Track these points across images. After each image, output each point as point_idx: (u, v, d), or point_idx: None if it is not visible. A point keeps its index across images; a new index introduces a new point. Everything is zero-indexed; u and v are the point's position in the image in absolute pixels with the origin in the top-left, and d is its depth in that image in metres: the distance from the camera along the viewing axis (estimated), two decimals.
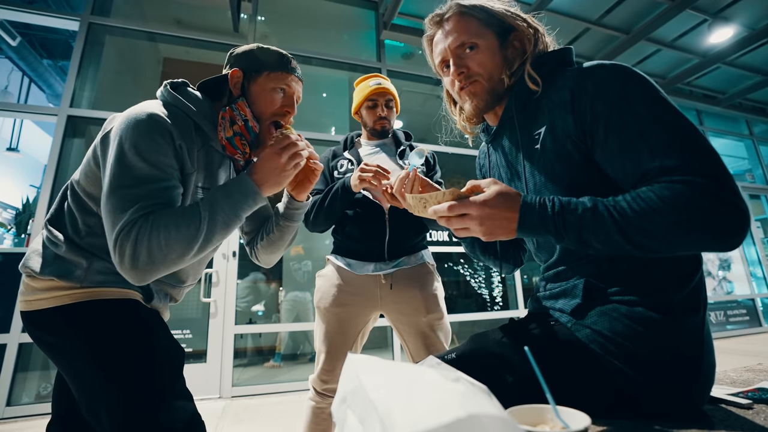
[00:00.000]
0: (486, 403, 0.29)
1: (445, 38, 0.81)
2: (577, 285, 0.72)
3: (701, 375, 0.64)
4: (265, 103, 0.92)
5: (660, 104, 0.62)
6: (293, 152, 0.84)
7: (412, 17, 4.23)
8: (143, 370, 0.80)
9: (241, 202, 0.81)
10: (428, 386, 0.30)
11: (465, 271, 4.52)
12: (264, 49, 0.94)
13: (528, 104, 0.79)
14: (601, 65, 0.68)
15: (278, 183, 0.85)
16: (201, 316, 3.09)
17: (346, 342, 1.34)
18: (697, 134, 0.60)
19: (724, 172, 0.56)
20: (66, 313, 0.82)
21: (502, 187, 0.66)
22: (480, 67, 0.79)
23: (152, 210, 0.74)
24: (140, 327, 0.86)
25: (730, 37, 4.38)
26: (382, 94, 1.48)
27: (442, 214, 0.67)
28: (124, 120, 0.78)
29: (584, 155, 0.69)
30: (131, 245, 0.70)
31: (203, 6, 3.74)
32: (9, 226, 4.68)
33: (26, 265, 0.87)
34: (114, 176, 0.74)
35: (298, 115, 1.00)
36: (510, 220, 0.64)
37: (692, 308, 0.65)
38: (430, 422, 0.25)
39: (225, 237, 0.84)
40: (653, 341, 0.63)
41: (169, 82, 0.90)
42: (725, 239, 0.55)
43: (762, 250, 5.88)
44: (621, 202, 0.60)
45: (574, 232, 0.61)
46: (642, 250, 0.59)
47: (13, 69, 4.82)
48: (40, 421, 2.42)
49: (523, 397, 0.47)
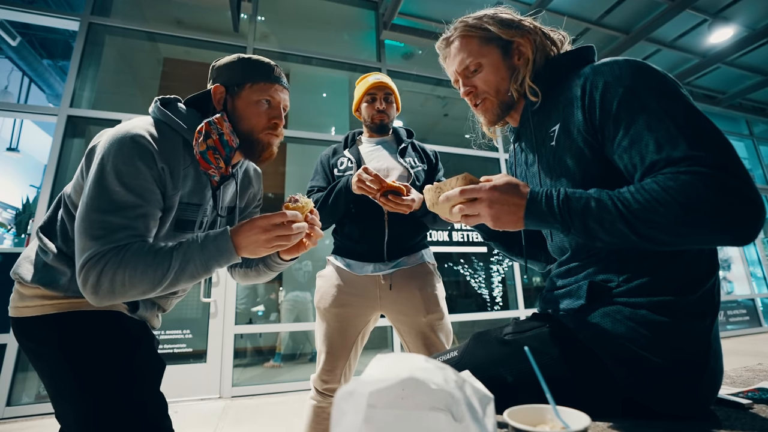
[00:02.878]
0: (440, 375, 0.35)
1: (453, 61, 0.87)
2: (581, 286, 0.72)
3: (705, 380, 0.63)
4: (251, 118, 0.90)
5: (669, 96, 0.62)
6: (280, 235, 0.79)
7: (412, 17, 4.23)
8: (119, 383, 0.81)
9: (214, 258, 0.78)
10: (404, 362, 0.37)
11: (465, 271, 4.52)
12: (245, 60, 0.91)
13: (543, 103, 0.81)
14: (613, 61, 0.69)
15: (256, 254, 0.81)
16: (201, 316, 3.09)
17: (347, 342, 1.34)
18: (707, 124, 0.59)
19: (733, 161, 0.55)
20: (49, 323, 0.83)
21: (513, 178, 0.69)
22: (486, 84, 0.84)
23: (125, 243, 0.74)
24: (120, 340, 0.86)
25: (730, 37, 4.38)
26: (381, 88, 1.48)
27: (454, 200, 0.69)
28: (109, 139, 0.78)
29: (595, 151, 0.69)
30: (96, 275, 0.71)
31: (203, 6, 3.74)
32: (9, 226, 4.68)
33: (16, 272, 0.88)
34: (91, 198, 0.75)
35: (298, 115, 1.00)
36: (518, 206, 0.66)
37: (700, 313, 0.64)
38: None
39: (193, 284, 0.83)
40: (655, 344, 0.62)
41: (159, 99, 0.90)
42: (734, 230, 0.53)
43: (762, 250, 5.88)
44: (625, 193, 0.60)
45: (579, 221, 0.62)
46: (648, 241, 0.58)
47: (13, 69, 4.82)
48: (40, 421, 2.42)
49: (523, 397, 0.47)
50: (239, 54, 0.94)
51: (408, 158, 1.46)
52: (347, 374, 1.36)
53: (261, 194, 1.18)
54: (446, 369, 0.36)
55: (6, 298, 0.91)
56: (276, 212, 0.81)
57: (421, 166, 1.47)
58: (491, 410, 0.36)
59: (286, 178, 4.46)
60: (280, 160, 4.35)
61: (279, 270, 1.05)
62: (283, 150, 4.39)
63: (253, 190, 1.14)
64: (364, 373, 0.36)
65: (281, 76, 0.95)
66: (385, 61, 4.34)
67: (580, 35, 4.53)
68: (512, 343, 0.73)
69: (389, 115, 1.49)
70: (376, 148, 1.49)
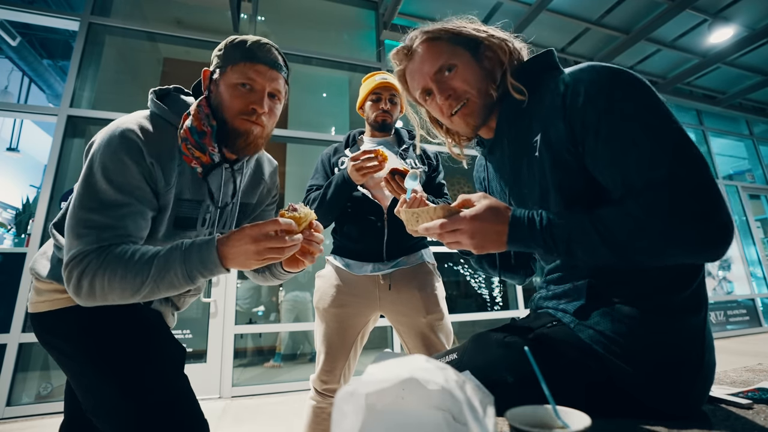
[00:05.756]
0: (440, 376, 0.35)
1: (421, 67, 0.80)
2: (580, 286, 0.72)
3: (702, 375, 0.64)
4: (227, 101, 0.83)
5: (648, 111, 0.62)
6: (271, 247, 0.71)
7: (412, 17, 4.23)
8: (143, 369, 0.81)
9: (197, 269, 0.72)
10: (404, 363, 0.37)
11: (465, 271, 4.52)
12: (232, 42, 0.85)
13: (521, 113, 0.78)
14: (590, 68, 0.67)
15: (245, 266, 0.74)
16: (201, 316, 3.09)
17: (346, 342, 1.34)
18: (684, 143, 0.60)
19: (711, 180, 0.57)
20: (67, 316, 0.83)
21: (492, 201, 0.69)
22: (465, 84, 0.78)
23: (109, 244, 0.72)
24: (138, 327, 0.86)
25: (730, 37, 4.38)
26: (387, 89, 1.48)
27: (434, 232, 0.69)
28: (101, 136, 0.78)
29: (579, 162, 0.69)
30: (77, 276, 0.70)
31: (203, 6, 3.74)
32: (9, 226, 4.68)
33: (33, 268, 0.89)
34: (78, 195, 0.74)
35: (298, 115, 0.97)
36: (500, 233, 0.67)
37: (693, 309, 0.65)
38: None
39: (177, 292, 0.77)
40: (654, 341, 0.63)
41: (155, 90, 0.87)
42: (707, 251, 0.57)
43: (762, 250, 5.88)
44: (607, 219, 0.61)
45: (562, 245, 0.64)
46: (629, 263, 0.61)
47: (13, 69, 4.82)
48: (40, 421, 2.42)
49: (523, 397, 0.47)
50: (235, 35, 0.87)
51: (409, 159, 1.46)
52: (347, 374, 1.36)
53: (277, 190, 1.11)
54: (447, 369, 0.36)
55: (6, 298, 0.91)
56: (269, 220, 0.73)
57: (422, 167, 1.47)
58: (492, 410, 0.36)
59: (286, 178, 4.47)
60: (280, 160, 4.34)
61: (284, 279, 1.01)
62: (283, 150, 4.40)
63: (266, 185, 1.07)
64: (364, 374, 0.36)
65: (267, 55, 0.84)
66: (385, 61, 4.33)
67: (580, 35, 4.53)
68: (512, 344, 0.73)
69: (392, 116, 1.49)
70: (377, 147, 1.49)
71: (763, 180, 6.24)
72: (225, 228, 0.99)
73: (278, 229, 0.72)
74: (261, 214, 1.08)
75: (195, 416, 0.84)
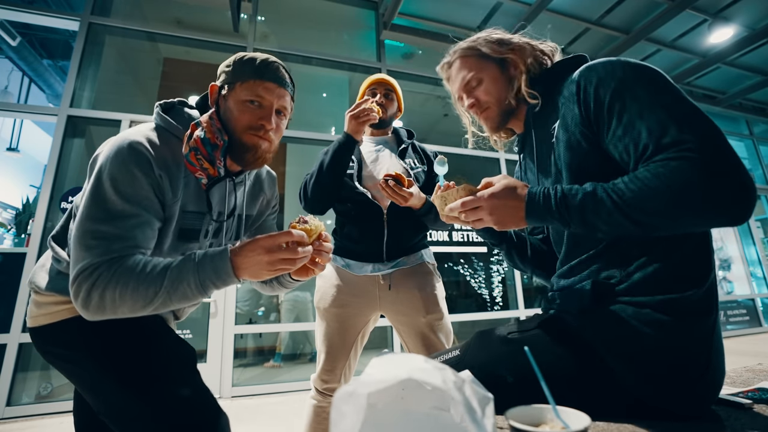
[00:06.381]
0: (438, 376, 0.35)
1: (456, 80, 0.96)
2: (585, 285, 0.72)
3: (707, 380, 0.63)
4: (236, 117, 0.85)
5: (659, 86, 0.65)
6: (283, 258, 0.73)
7: (412, 17, 4.23)
8: (155, 371, 0.81)
9: (210, 279, 0.73)
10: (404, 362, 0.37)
11: (465, 271, 4.52)
12: (238, 59, 0.88)
13: (544, 106, 0.85)
14: (606, 60, 0.72)
15: (258, 276, 0.75)
16: (201, 316, 3.09)
17: (346, 342, 1.34)
18: (695, 112, 0.61)
19: (721, 145, 0.57)
20: (69, 327, 0.83)
21: (510, 181, 0.74)
22: (487, 95, 0.91)
23: (119, 255, 0.72)
24: (143, 332, 0.86)
25: (730, 37, 4.38)
26: (382, 84, 1.49)
27: (457, 210, 0.75)
28: (109, 147, 0.78)
29: (592, 143, 0.71)
30: (86, 289, 0.69)
31: (203, 6, 3.74)
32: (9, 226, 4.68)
33: (32, 281, 0.88)
34: (87, 207, 0.73)
35: (298, 115, 0.98)
36: (517, 208, 0.71)
37: (704, 312, 0.64)
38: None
39: (188, 304, 0.78)
40: (659, 343, 0.63)
41: (161, 104, 0.89)
42: (726, 211, 0.56)
43: (762, 250, 5.88)
44: (619, 184, 0.63)
45: (577, 216, 0.65)
46: (644, 227, 0.61)
47: (13, 69, 4.82)
48: (40, 421, 2.42)
49: (524, 397, 0.47)
50: (244, 52, 0.90)
51: (408, 159, 1.46)
52: (347, 374, 1.37)
53: (276, 200, 1.14)
54: (445, 370, 0.36)
55: (6, 298, 0.91)
56: (282, 231, 0.75)
57: (421, 167, 1.47)
58: (490, 411, 0.36)
59: (286, 178, 4.46)
60: (280, 159, 4.35)
61: (291, 287, 1.02)
62: (283, 150, 4.39)
63: (266, 196, 1.09)
64: (363, 374, 0.36)
65: (278, 72, 0.88)
66: (385, 61, 4.33)
67: (580, 35, 4.53)
68: (514, 342, 0.74)
69: (387, 110, 1.48)
70: (377, 148, 1.49)
71: (763, 180, 6.24)
72: (226, 240, 1.00)
73: (290, 241, 0.74)
74: (262, 225, 1.10)
75: (213, 410, 0.84)
